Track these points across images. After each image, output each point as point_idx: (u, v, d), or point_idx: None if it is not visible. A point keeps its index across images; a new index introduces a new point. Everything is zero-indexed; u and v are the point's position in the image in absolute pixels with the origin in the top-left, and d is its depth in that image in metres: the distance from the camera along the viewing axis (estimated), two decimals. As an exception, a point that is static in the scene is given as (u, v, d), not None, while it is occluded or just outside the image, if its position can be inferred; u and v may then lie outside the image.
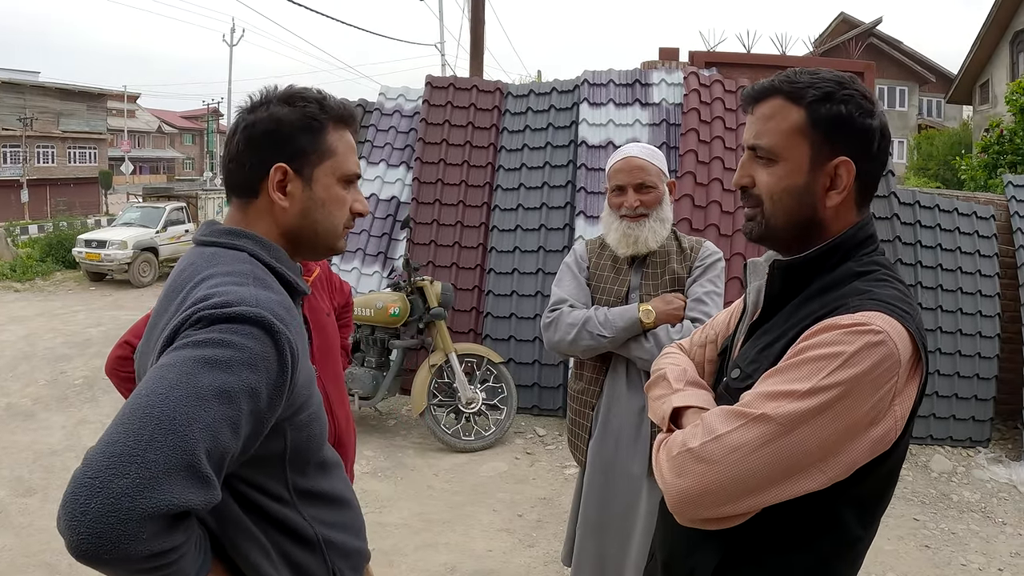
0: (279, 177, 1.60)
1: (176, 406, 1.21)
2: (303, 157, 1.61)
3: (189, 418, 1.21)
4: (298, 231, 1.65)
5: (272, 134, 1.60)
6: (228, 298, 1.36)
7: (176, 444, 1.18)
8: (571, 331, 3.02)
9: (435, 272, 8.18)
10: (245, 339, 1.32)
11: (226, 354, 1.29)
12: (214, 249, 1.56)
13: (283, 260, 1.61)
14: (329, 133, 1.64)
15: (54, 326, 12.31)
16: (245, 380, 1.29)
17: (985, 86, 26.90)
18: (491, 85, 9.47)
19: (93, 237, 17.75)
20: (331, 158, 1.65)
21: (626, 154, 3.07)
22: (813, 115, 1.54)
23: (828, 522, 1.51)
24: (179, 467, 1.18)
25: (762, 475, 1.39)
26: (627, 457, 3.02)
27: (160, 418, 1.19)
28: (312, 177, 1.63)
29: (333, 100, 1.68)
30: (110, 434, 1.19)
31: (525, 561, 4.85)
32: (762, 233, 1.64)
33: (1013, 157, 12.19)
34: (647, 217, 3.01)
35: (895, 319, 1.41)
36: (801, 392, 1.38)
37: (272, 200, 1.61)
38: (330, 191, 1.66)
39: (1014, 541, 5.49)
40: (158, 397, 1.21)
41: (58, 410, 7.87)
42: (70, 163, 45.39)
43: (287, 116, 1.60)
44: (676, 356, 1.98)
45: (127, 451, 1.16)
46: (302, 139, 1.61)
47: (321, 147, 1.63)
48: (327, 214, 1.66)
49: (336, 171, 1.66)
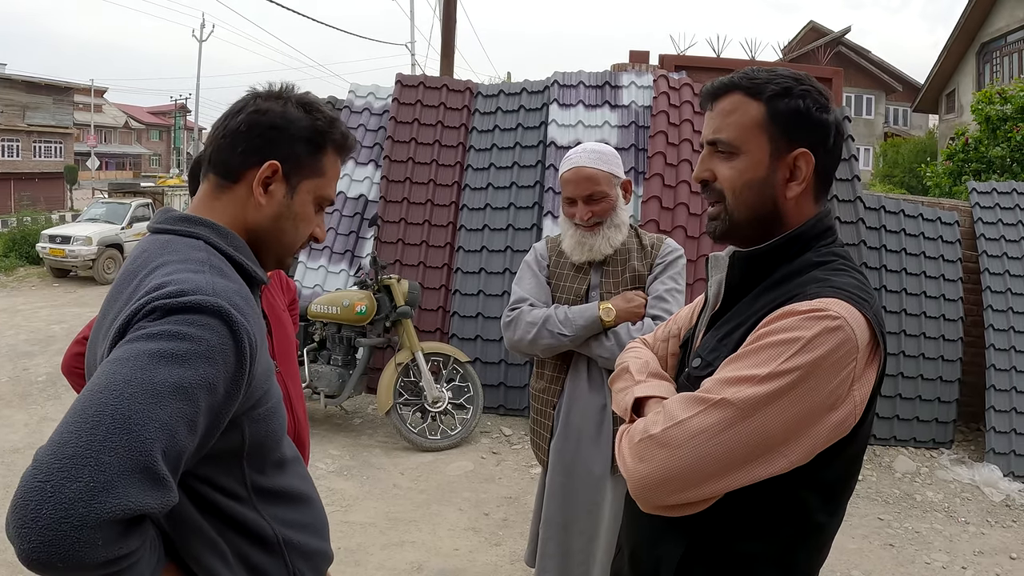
0: (268, 174, 1.57)
1: (131, 404, 1.16)
2: (297, 165, 1.60)
3: (145, 417, 1.16)
4: (263, 232, 1.62)
5: (279, 130, 1.58)
6: (183, 287, 1.31)
7: (131, 445, 1.13)
8: (531, 330, 3.00)
9: (402, 271, 8.15)
10: (201, 331, 1.27)
11: (182, 347, 1.23)
12: (169, 237, 1.51)
13: (241, 249, 1.56)
14: (327, 154, 1.65)
15: (16, 322, 12.14)
16: (202, 374, 1.24)
17: (951, 95, 27.27)
18: (461, 84, 9.45)
19: (58, 233, 17.52)
20: (319, 177, 1.65)
21: (574, 164, 2.99)
22: (772, 109, 1.58)
23: (792, 508, 1.53)
24: (134, 469, 1.13)
25: (724, 459, 1.41)
26: (588, 457, 3.01)
27: (114, 417, 1.14)
28: (297, 187, 1.62)
29: (343, 126, 1.69)
30: (61, 434, 1.14)
31: (491, 560, 4.83)
32: (725, 230, 1.66)
33: (978, 165, 12.35)
34: (601, 225, 2.99)
35: (852, 305, 1.44)
36: (760, 376, 1.40)
37: (251, 193, 1.58)
38: (305, 207, 1.65)
39: (977, 540, 5.56)
40: (112, 394, 1.16)
41: (20, 407, 7.75)
42: (35, 157, 44.81)
43: (299, 120, 1.59)
44: (639, 350, 2.00)
45: (79, 452, 1.11)
46: (303, 148, 1.60)
47: (316, 163, 1.63)
48: (294, 227, 1.65)
49: (318, 191, 1.66)
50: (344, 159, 1.73)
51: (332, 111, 1.69)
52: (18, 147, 43.67)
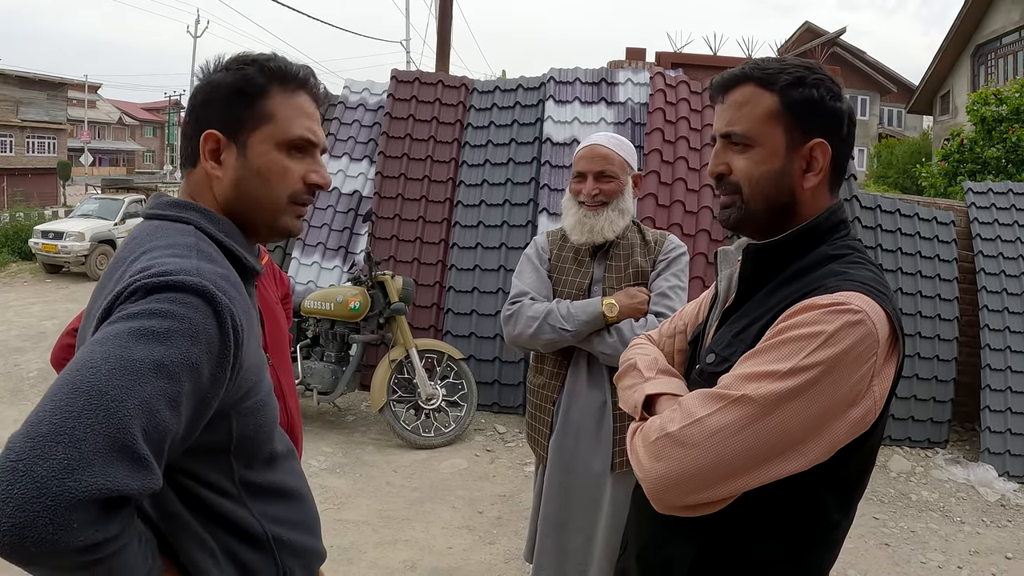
0: (211, 145, 1.49)
1: (108, 380, 1.10)
2: (237, 123, 1.50)
3: (122, 392, 1.10)
4: (234, 203, 1.53)
5: (208, 100, 1.51)
6: (167, 267, 1.27)
7: (108, 421, 1.07)
8: (532, 324, 2.95)
9: (396, 267, 8.11)
10: (183, 308, 1.22)
11: (162, 324, 1.18)
12: (159, 222, 1.47)
13: (233, 235, 1.51)
14: (270, 97, 1.51)
15: (8, 318, 12.06)
16: (184, 352, 1.19)
17: (946, 97, 27.33)
18: (457, 81, 9.41)
19: (50, 228, 17.40)
20: (269, 123, 1.51)
21: (592, 142, 3.02)
22: (786, 99, 1.55)
23: (808, 507, 1.50)
24: (112, 447, 1.07)
25: (744, 457, 1.38)
26: (588, 454, 2.97)
27: (90, 394, 1.08)
28: (247, 143, 1.50)
29: (279, 62, 1.55)
30: (35, 414, 1.07)
31: (485, 558, 4.80)
32: (740, 218, 1.63)
33: (973, 165, 12.37)
34: (605, 206, 2.96)
35: (873, 299, 1.41)
36: (782, 372, 1.36)
37: (207, 170, 1.51)
38: (268, 159, 1.51)
39: (972, 540, 5.55)
40: (88, 371, 1.11)
41: (11, 403, 7.69)
42: (28, 153, 44.68)
43: (222, 80, 1.50)
44: (645, 346, 1.96)
45: (53, 430, 1.05)
46: (236, 104, 1.49)
47: (258, 111, 1.50)
48: (264, 185, 1.52)
49: (275, 137, 1.51)
50: (305, 90, 1.58)
51: (267, 55, 1.56)
52: (11, 142, 43.53)
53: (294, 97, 1.55)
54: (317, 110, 1.61)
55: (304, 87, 1.57)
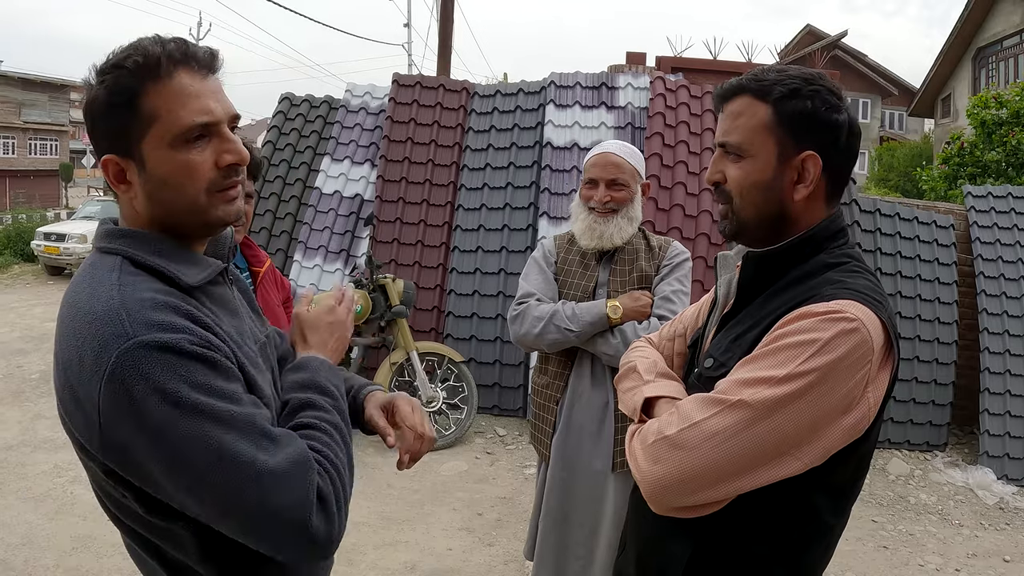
0: (113, 170, 1.39)
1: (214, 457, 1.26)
2: (125, 137, 1.37)
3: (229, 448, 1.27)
4: (158, 218, 1.42)
5: (93, 124, 1.39)
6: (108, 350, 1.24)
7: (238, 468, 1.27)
8: (538, 324, 3.02)
9: (397, 270, 8.14)
10: (169, 368, 1.25)
11: (172, 387, 1.25)
12: (95, 257, 1.42)
13: (164, 252, 1.40)
14: (146, 96, 1.34)
15: (10, 320, 12.09)
16: (199, 395, 1.26)
17: (947, 100, 27.30)
18: (458, 85, 9.44)
19: (52, 230, 17.46)
20: (154, 124, 1.35)
21: (604, 149, 3.09)
22: (779, 111, 1.58)
23: (802, 510, 1.53)
24: (260, 471, 1.27)
25: (739, 461, 1.41)
26: (590, 453, 3.04)
27: (220, 474, 1.26)
28: (142, 156, 1.37)
29: (141, 52, 1.36)
30: (221, 505, 1.28)
31: (485, 560, 4.82)
32: (734, 229, 1.67)
33: (973, 169, 12.36)
34: (616, 214, 3.04)
35: (868, 308, 1.44)
36: (778, 378, 1.40)
37: (121, 193, 1.42)
38: (167, 163, 1.37)
39: (971, 543, 5.57)
40: (199, 464, 1.25)
41: (13, 404, 7.71)
42: (31, 155, 44.70)
43: (97, 97, 1.36)
44: (645, 349, 2.00)
45: (248, 496, 1.27)
46: (115, 117, 1.36)
47: (139, 117, 1.35)
48: (175, 191, 1.39)
49: (165, 137, 1.36)
50: (178, 69, 1.38)
51: (133, 48, 1.38)
52: (13, 144, 43.55)
53: (171, 83, 1.36)
54: (206, 79, 1.42)
55: (180, 64, 1.38)
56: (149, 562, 1.45)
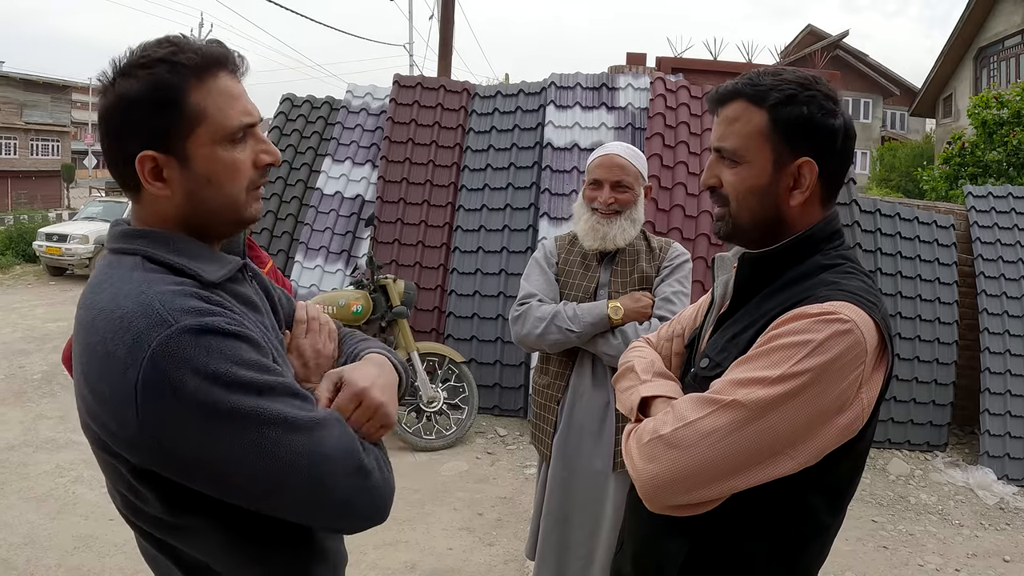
0: (150, 166, 1.35)
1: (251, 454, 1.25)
2: (167, 135, 1.34)
3: (262, 445, 1.25)
4: (191, 216, 1.41)
5: (126, 120, 1.34)
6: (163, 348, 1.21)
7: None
8: (539, 325, 3.04)
9: (398, 271, 8.15)
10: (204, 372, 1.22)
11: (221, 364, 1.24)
12: (111, 258, 1.39)
13: (186, 251, 1.39)
14: (192, 94, 1.34)
15: (12, 320, 12.12)
16: (232, 395, 1.24)
17: (948, 100, 27.30)
18: (458, 86, 9.45)
19: (54, 231, 17.49)
20: (201, 123, 1.35)
21: (609, 151, 3.10)
22: (775, 117, 1.57)
23: (798, 510, 1.54)
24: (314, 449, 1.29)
25: (733, 460, 1.42)
26: (590, 453, 3.05)
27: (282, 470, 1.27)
28: (187, 154, 1.36)
29: (185, 52, 1.36)
30: (287, 474, 1.27)
31: (485, 559, 4.84)
32: (730, 231, 1.68)
33: (974, 169, 12.37)
34: (619, 215, 3.05)
35: (862, 309, 1.44)
36: (772, 379, 1.40)
37: (154, 192, 1.38)
38: (214, 161, 1.38)
39: (970, 543, 5.58)
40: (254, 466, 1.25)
41: (15, 405, 7.74)
42: (32, 155, 44.73)
43: (134, 92, 1.32)
44: (643, 349, 2.01)
45: (316, 485, 1.30)
46: (158, 114, 1.33)
47: (185, 115, 1.34)
48: (218, 189, 1.40)
49: (214, 136, 1.37)
50: (224, 70, 1.40)
51: (167, 43, 1.37)
52: (15, 145, 43.58)
53: (216, 83, 1.38)
54: (240, 82, 1.45)
55: (221, 66, 1.40)
56: (164, 563, 1.43)
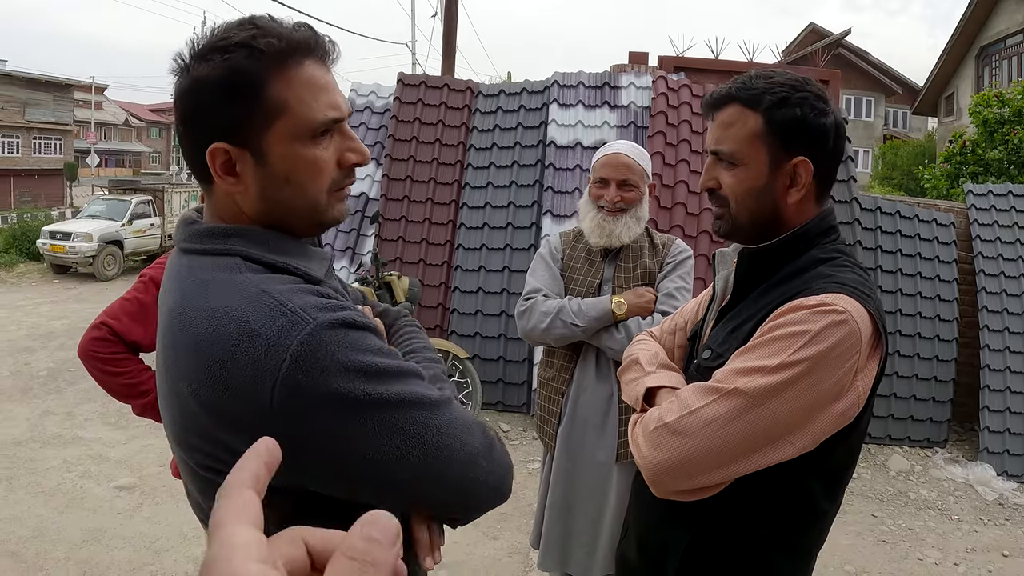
0: (221, 159, 1.23)
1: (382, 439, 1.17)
2: (243, 127, 1.22)
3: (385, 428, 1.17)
4: (269, 215, 1.28)
5: (198, 107, 1.22)
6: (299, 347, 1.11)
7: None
8: (545, 319, 3.08)
9: (402, 268, 8.20)
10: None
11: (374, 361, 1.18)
12: (201, 260, 1.25)
13: (283, 249, 1.28)
14: (272, 83, 1.21)
15: (17, 318, 12.18)
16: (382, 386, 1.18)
17: (950, 98, 27.29)
18: (462, 84, 9.49)
19: (58, 229, 17.54)
20: (282, 116, 1.22)
21: (615, 150, 3.14)
22: (770, 120, 1.63)
23: (798, 495, 1.60)
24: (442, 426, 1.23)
25: (735, 446, 1.48)
26: (594, 444, 3.10)
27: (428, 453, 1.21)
28: (263, 149, 1.23)
29: (268, 36, 1.21)
30: (437, 457, 1.21)
31: (489, 553, 4.88)
32: (729, 229, 1.74)
33: (975, 167, 12.40)
34: (624, 213, 3.10)
35: (857, 300, 1.50)
36: (771, 367, 1.46)
37: (225, 188, 1.26)
38: (293, 158, 1.24)
39: (970, 537, 5.63)
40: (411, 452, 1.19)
41: (21, 401, 7.80)
42: (35, 154, 44.72)
43: (208, 77, 1.19)
44: (647, 342, 2.07)
45: (467, 459, 1.25)
46: (233, 104, 1.20)
47: (264, 106, 1.21)
48: (297, 188, 1.26)
49: (295, 130, 1.23)
50: (312, 57, 1.26)
51: (250, 25, 1.24)
52: (18, 143, 43.58)
53: (301, 71, 1.24)
54: (330, 71, 1.31)
55: (307, 53, 1.25)
56: None
